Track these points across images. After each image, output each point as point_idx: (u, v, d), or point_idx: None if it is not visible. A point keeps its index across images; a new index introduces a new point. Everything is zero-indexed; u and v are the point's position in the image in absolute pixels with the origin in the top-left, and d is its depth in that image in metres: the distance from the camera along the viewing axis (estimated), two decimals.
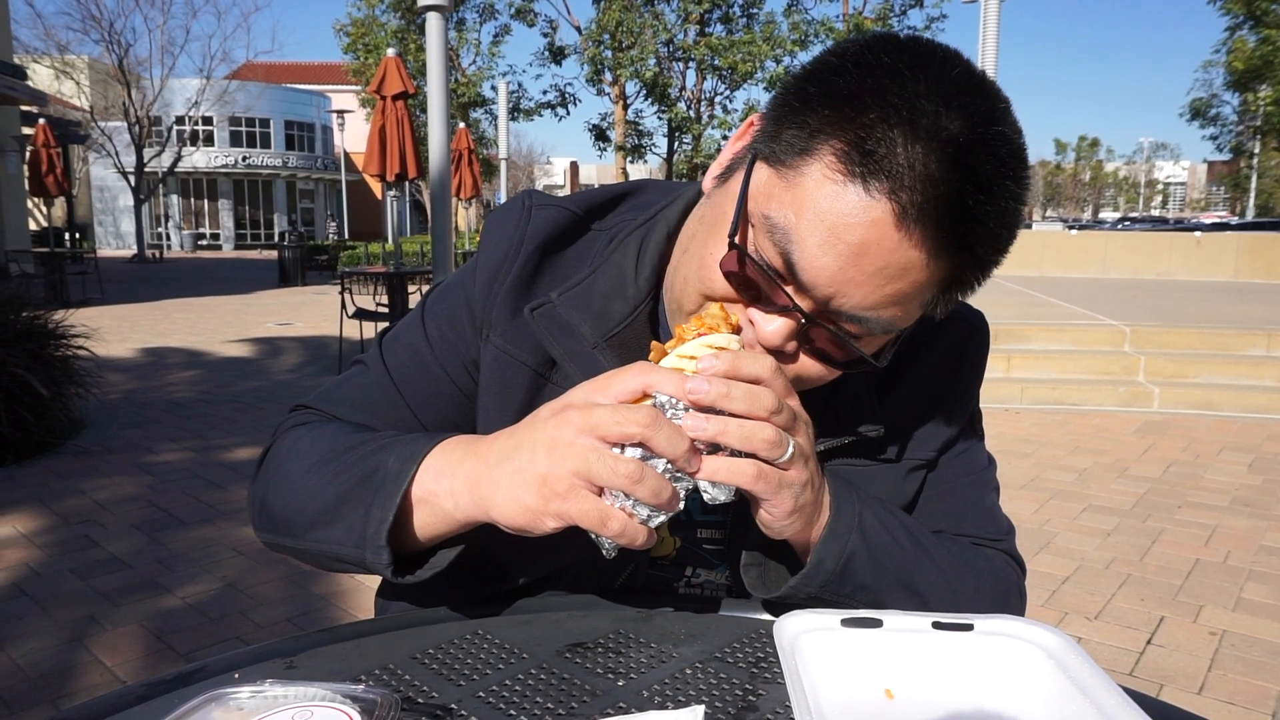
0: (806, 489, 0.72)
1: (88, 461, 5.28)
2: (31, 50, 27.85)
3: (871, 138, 0.63)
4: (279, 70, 48.71)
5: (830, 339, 0.72)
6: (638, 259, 0.87)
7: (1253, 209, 47.25)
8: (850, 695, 0.67)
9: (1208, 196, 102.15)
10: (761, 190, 0.70)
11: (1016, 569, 0.95)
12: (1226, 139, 39.62)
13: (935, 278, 0.68)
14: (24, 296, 5.98)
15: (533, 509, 0.67)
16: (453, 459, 0.74)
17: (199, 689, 0.61)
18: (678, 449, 0.64)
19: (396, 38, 27.30)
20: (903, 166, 0.63)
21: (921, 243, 0.65)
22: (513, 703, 0.69)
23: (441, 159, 6.63)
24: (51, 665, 2.87)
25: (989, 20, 14.68)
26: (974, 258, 0.68)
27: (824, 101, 0.66)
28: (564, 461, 0.65)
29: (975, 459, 0.97)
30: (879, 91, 0.64)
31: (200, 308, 14.34)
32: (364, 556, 0.75)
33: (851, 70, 0.66)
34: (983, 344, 0.96)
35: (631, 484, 0.63)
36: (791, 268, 0.68)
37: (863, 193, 0.64)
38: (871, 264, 0.66)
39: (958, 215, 0.64)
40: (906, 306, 0.69)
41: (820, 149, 0.66)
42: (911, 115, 0.63)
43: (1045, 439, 6.06)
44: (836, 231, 0.65)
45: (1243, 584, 3.65)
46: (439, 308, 0.92)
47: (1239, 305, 10.13)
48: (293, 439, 0.86)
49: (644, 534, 0.66)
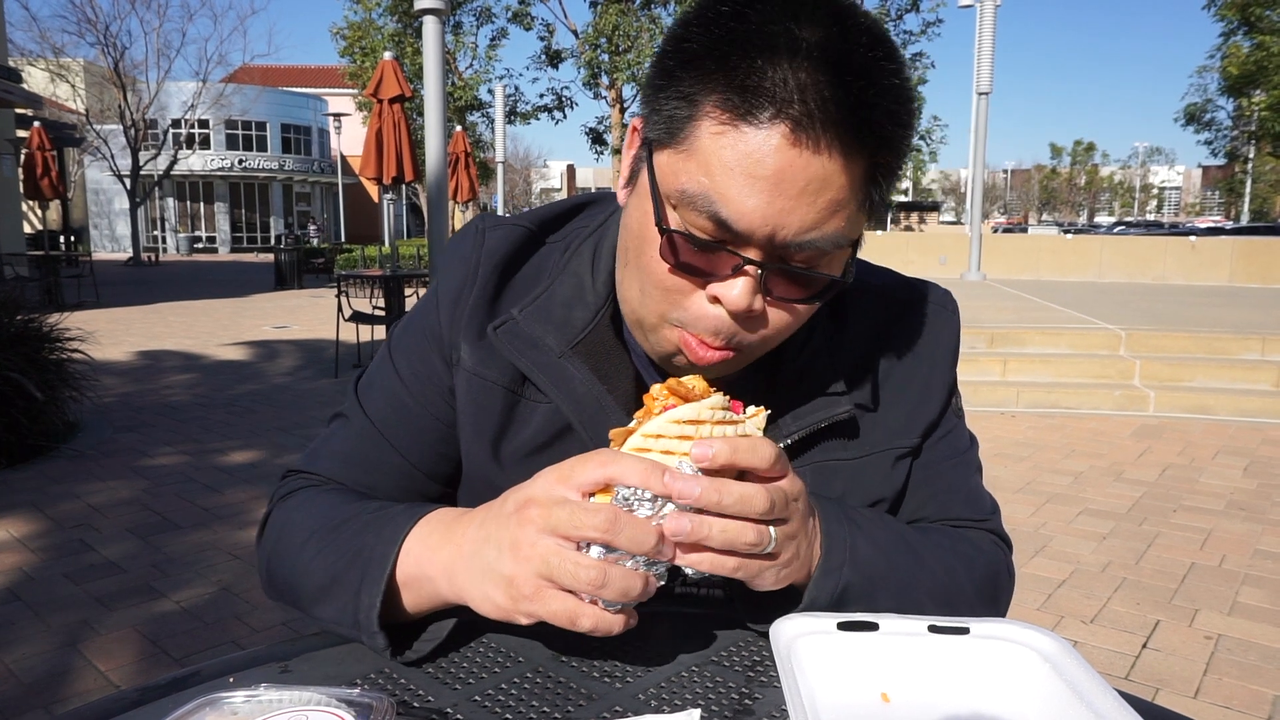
0: (792, 561, 0.73)
1: (82, 465, 5.26)
2: (27, 53, 27.80)
3: (740, 76, 0.65)
4: (275, 73, 48.70)
5: (791, 278, 0.72)
6: (593, 264, 0.88)
7: (1247, 213, 47.43)
8: (846, 699, 0.67)
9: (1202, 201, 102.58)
10: (668, 171, 0.71)
11: (1003, 547, 0.95)
12: (1221, 144, 39.77)
13: (858, 175, 0.68)
14: (18, 300, 5.97)
15: (504, 608, 0.68)
16: (430, 544, 0.75)
17: (193, 693, 0.61)
18: (644, 546, 0.64)
19: (393, 41, 27.31)
20: (778, 86, 0.64)
21: (828, 148, 0.66)
22: (509, 706, 0.69)
23: (438, 162, 6.63)
24: (45, 670, 2.86)
25: (985, 24, 14.73)
26: (882, 140, 0.68)
27: (687, 67, 0.68)
28: (527, 564, 0.65)
29: (958, 441, 0.96)
30: (729, 36, 0.66)
31: (196, 311, 14.32)
32: (361, 638, 0.76)
33: (698, 30, 0.68)
34: (951, 322, 0.96)
35: (595, 589, 0.63)
36: (725, 225, 0.68)
37: (754, 128, 0.65)
38: (793, 187, 0.66)
39: (848, 108, 0.65)
40: (845, 213, 0.69)
41: (702, 108, 0.67)
42: (767, 41, 0.65)
43: (1041, 442, 6.07)
44: (749, 172, 0.66)
45: (1238, 588, 3.65)
46: (406, 343, 0.93)
47: (1234, 309, 10.16)
48: (287, 511, 0.88)
49: (620, 622, 0.66)
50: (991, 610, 0.89)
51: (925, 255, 17.10)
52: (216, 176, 42.08)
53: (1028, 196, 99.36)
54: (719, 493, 0.65)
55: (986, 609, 0.88)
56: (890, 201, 0.75)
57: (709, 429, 0.67)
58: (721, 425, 0.68)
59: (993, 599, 0.90)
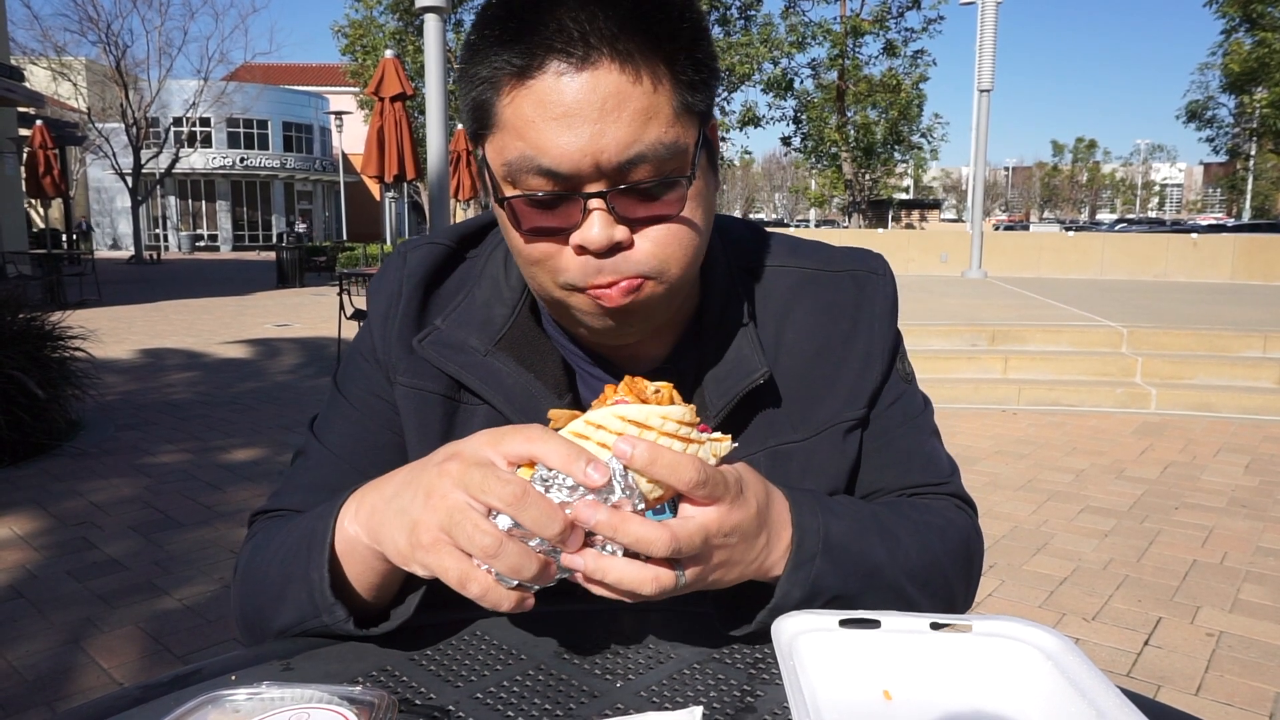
0: (732, 569, 0.71)
1: (85, 463, 5.27)
2: (29, 51, 27.82)
3: (510, 40, 0.69)
4: (277, 72, 48.71)
5: (638, 195, 0.72)
6: (505, 264, 0.90)
7: (1249, 211, 47.37)
8: (848, 696, 0.67)
9: (1204, 198, 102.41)
10: (494, 154, 0.74)
11: (968, 511, 0.95)
12: (1223, 141, 39.74)
13: (656, 78, 0.70)
14: (21, 298, 5.98)
15: (403, 553, 0.67)
16: (359, 502, 0.75)
17: (195, 691, 0.61)
18: (546, 529, 0.61)
19: (395, 39, 27.31)
20: (540, 31, 0.68)
21: (610, 63, 0.68)
22: (510, 704, 0.69)
23: (440, 160, 6.64)
24: (48, 668, 2.86)
25: (986, 21, 14.72)
26: (659, 37, 0.69)
27: (474, 59, 0.72)
28: (433, 513, 0.64)
29: (909, 406, 0.95)
30: (496, 16, 0.71)
31: (198, 309, 14.33)
32: (323, 621, 0.76)
33: (476, 26, 0.73)
34: (883, 286, 0.94)
35: (486, 557, 0.62)
36: (552, 174, 0.70)
37: (536, 76, 0.68)
38: (591, 110, 0.68)
39: (606, 21, 0.68)
40: (661, 117, 0.70)
41: (496, 86, 0.71)
42: (525, 4, 0.69)
43: (1042, 440, 6.07)
44: (547, 116, 0.68)
45: (1240, 585, 3.65)
46: (349, 372, 0.95)
47: (1236, 307, 10.15)
48: (252, 549, 0.88)
49: (510, 600, 0.63)
50: (966, 577, 0.90)
51: (926, 253, 17.09)
52: (218, 174, 42.10)
53: (1029, 194, 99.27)
54: (615, 529, 0.62)
55: (961, 577, 0.88)
56: (710, 102, 0.76)
57: (654, 435, 0.63)
58: (670, 438, 0.64)
59: (967, 567, 0.90)
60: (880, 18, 29.43)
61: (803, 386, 0.90)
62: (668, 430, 0.64)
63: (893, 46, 29.85)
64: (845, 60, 29.91)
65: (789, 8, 29.51)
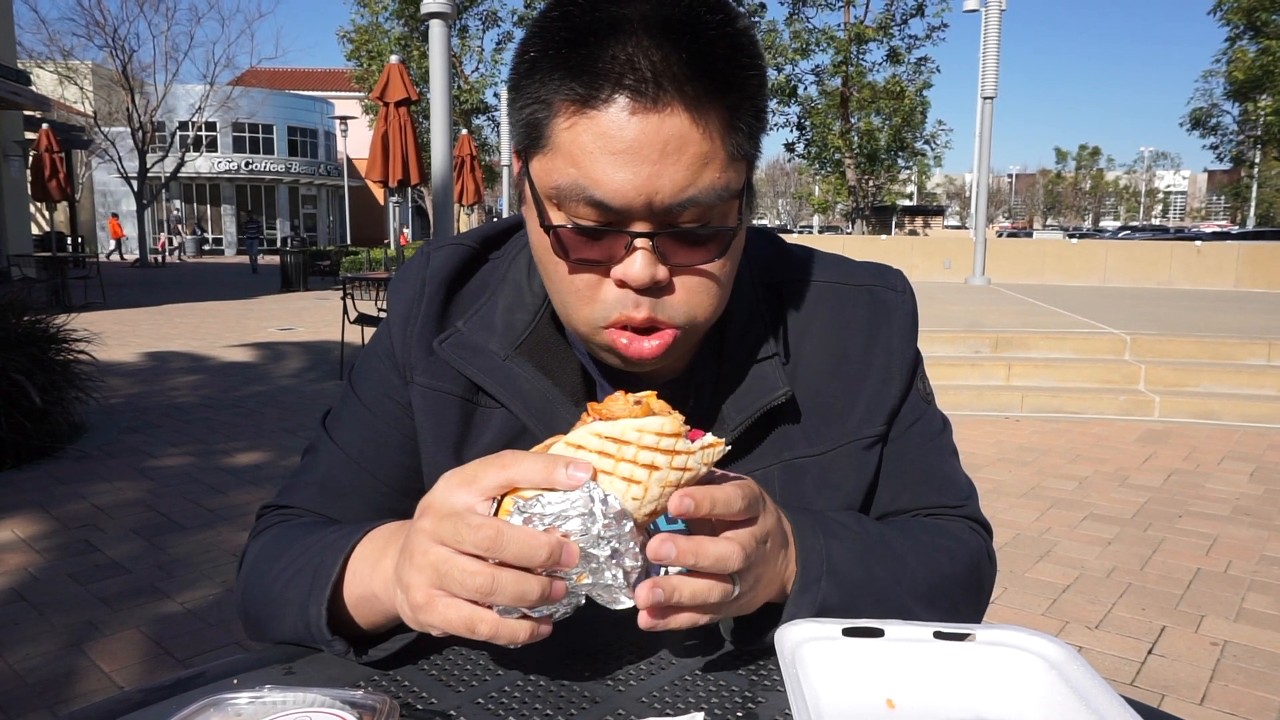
0: (757, 590, 0.73)
1: (88, 466, 5.28)
2: (35, 55, 27.93)
3: (575, 65, 0.68)
4: (282, 76, 48.84)
5: (683, 239, 0.72)
6: (529, 270, 0.89)
7: (1253, 218, 47.31)
8: (851, 704, 0.67)
9: (1208, 206, 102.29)
10: (542, 174, 0.73)
11: (982, 533, 0.94)
12: (1227, 148, 39.69)
13: (715, 125, 0.69)
14: (25, 301, 5.99)
15: (407, 617, 0.68)
16: (370, 560, 0.76)
17: (197, 694, 0.61)
18: (533, 559, 0.61)
19: (399, 45, 27.40)
20: (611, 64, 0.66)
21: (672, 106, 0.67)
22: (512, 709, 0.69)
23: (444, 165, 6.66)
24: (49, 671, 2.86)
25: (990, 29, 14.73)
26: (726, 85, 0.69)
27: (531, 74, 0.71)
28: (419, 573, 0.65)
29: (929, 425, 0.95)
30: (560, 35, 0.69)
31: (202, 312, 14.36)
32: (320, 648, 0.77)
33: (535, 40, 0.71)
34: (903, 303, 0.94)
35: (485, 595, 0.62)
36: (603, 206, 0.69)
37: (601, 109, 0.67)
38: (652, 151, 0.67)
39: (680, 64, 0.67)
40: (716, 164, 0.70)
41: (553, 107, 0.70)
42: (594, 28, 0.67)
43: (1046, 447, 6.06)
44: (607, 150, 0.67)
45: (1244, 594, 3.64)
46: (365, 371, 0.95)
47: (1240, 314, 10.13)
48: (260, 545, 0.89)
49: (525, 630, 0.63)
50: (976, 600, 0.89)
51: (930, 260, 17.08)
52: (223, 179, 42.19)
53: (1032, 201, 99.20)
54: (696, 554, 0.65)
55: (970, 599, 0.88)
56: (759, 150, 0.75)
57: (634, 450, 0.62)
58: (650, 451, 0.62)
59: (976, 588, 0.90)
60: (884, 25, 29.46)
61: (819, 401, 0.89)
62: (646, 444, 0.63)
63: (896, 53, 29.89)
64: (849, 67, 29.94)
65: (793, 15, 29.56)
